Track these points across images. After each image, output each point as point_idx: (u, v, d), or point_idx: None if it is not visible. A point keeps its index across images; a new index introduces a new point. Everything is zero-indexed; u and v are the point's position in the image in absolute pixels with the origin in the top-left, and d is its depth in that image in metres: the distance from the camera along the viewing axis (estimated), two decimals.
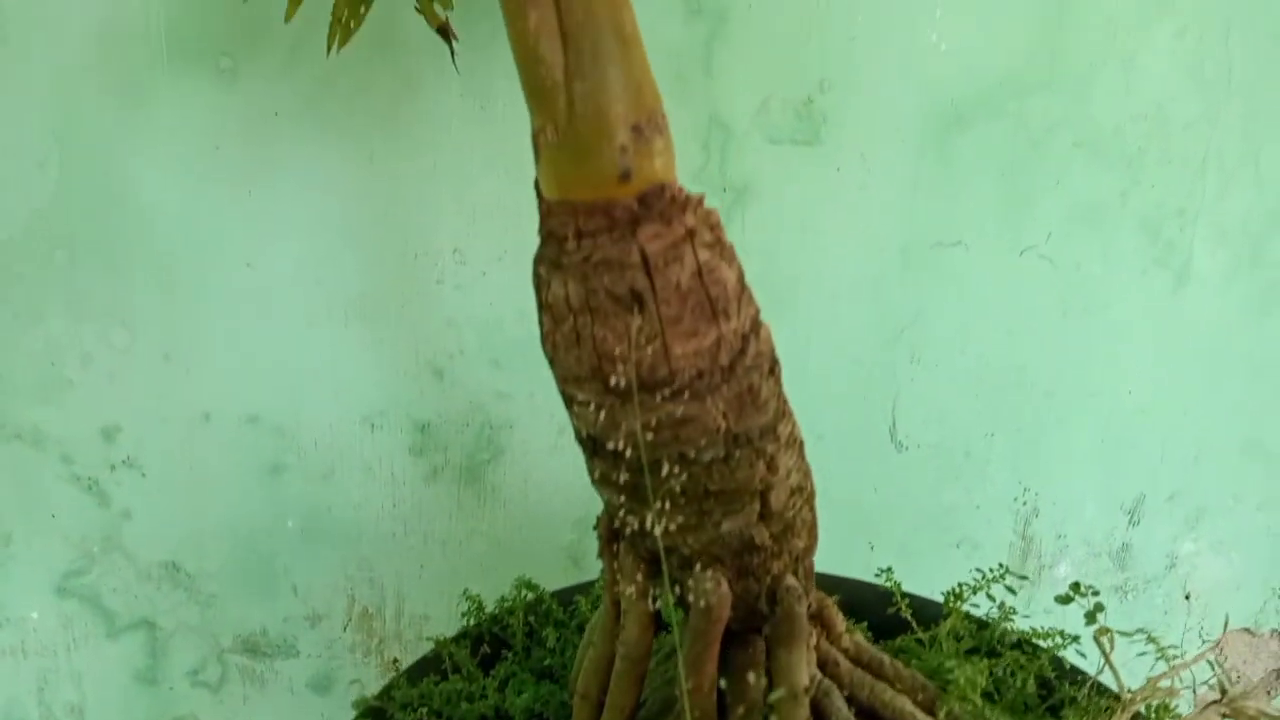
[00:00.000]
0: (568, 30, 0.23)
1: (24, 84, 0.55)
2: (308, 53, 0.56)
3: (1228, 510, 0.81)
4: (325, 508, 0.65)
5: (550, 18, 0.23)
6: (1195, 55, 0.68)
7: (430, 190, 0.61)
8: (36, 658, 0.66)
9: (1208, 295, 0.74)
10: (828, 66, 0.63)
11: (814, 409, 0.70)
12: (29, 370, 0.60)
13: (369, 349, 0.63)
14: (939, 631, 0.39)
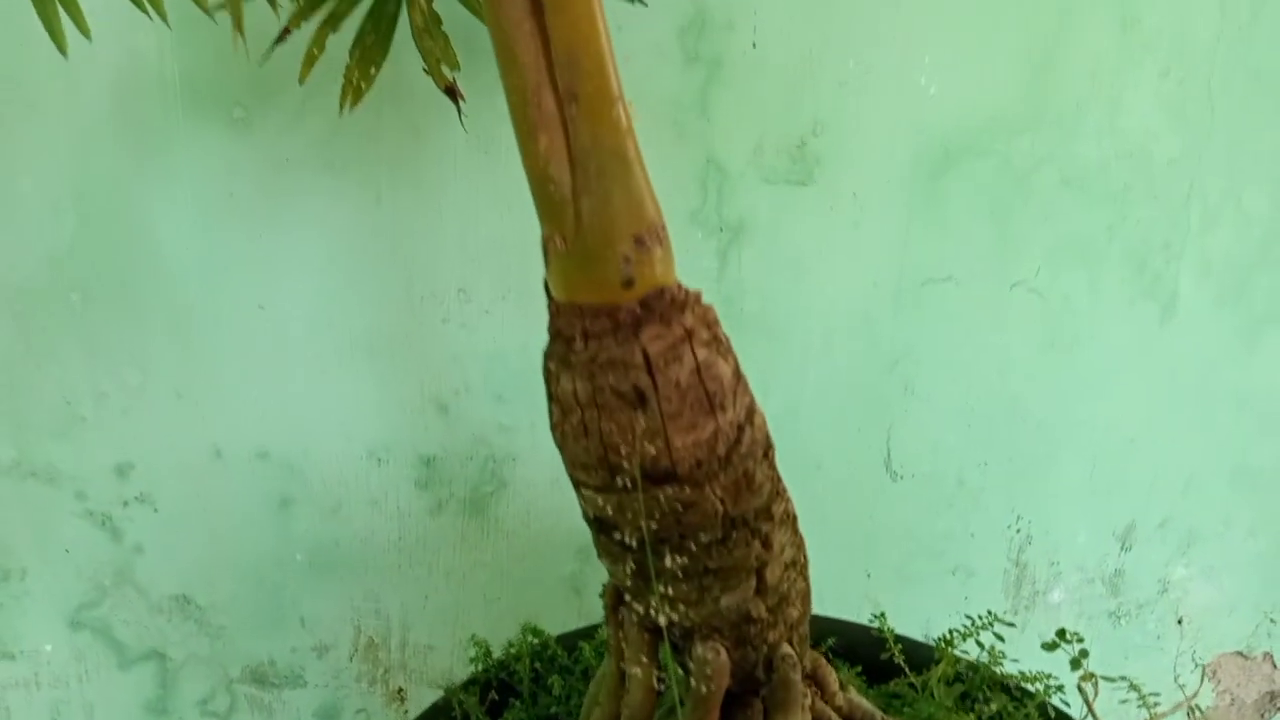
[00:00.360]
0: (575, 153, 0.25)
1: (42, 133, 0.57)
2: (318, 103, 0.58)
3: (1218, 536, 0.82)
4: (333, 541, 0.67)
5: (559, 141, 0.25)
6: (1178, 95, 0.70)
7: (436, 232, 0.62)
8: (50, 689, 0.67)
9: (1195, 327, 0.76)
10: (820, 110, 0.65)
11: (811, 440, 0.72)
12: (44, 409, 0.61)
13: (376, 386, 0.64)
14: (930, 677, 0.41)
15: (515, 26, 0.25)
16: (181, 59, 0.56)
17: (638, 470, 0.26)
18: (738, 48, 0.63)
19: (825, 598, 0.69)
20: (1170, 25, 0.69)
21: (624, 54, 0.58)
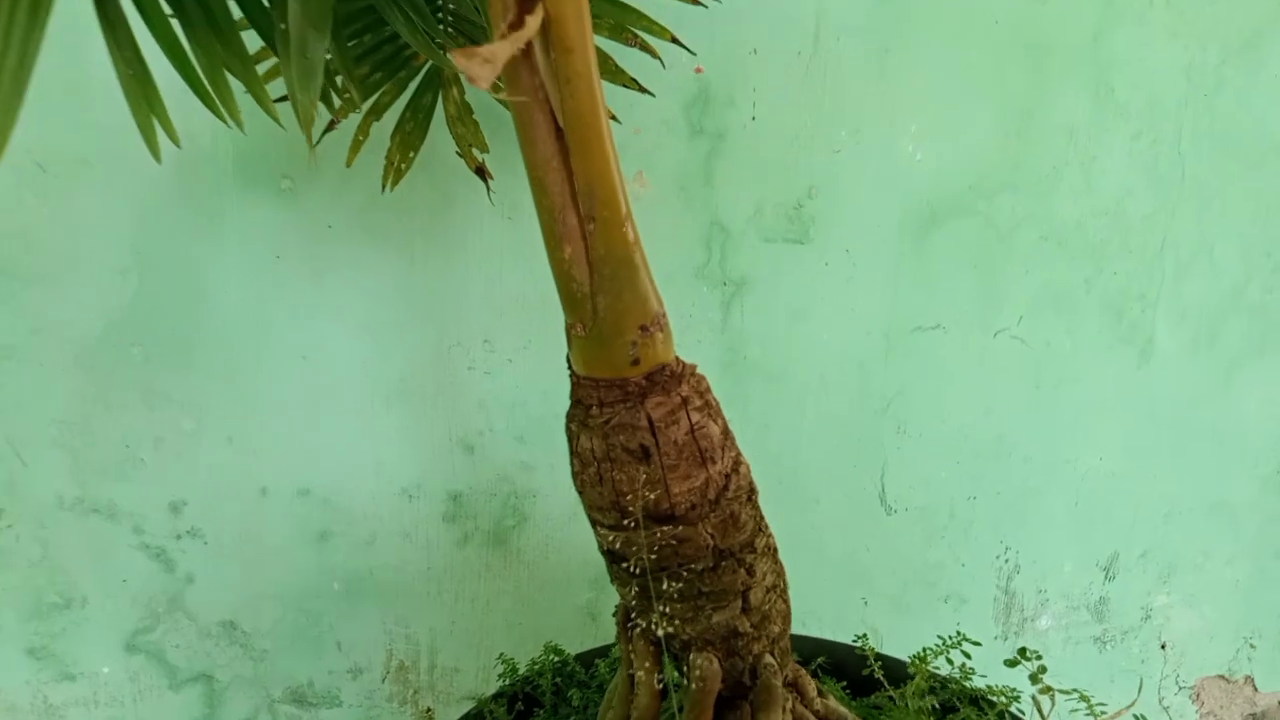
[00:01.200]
0: (593, 260, 0.30)
1: (108, 203, 0.63)
2: (358, 172, 0.64)
3: (1197, 566, 0.87)
4: (367, 571, 0.72)
5: (580, 250, 0.30)
6: (1150, 156, 0.76)
7: (463, 289, 0.68)
8: (106, 708, 0.73)
9: (1171, 370, 0.81)
10: (815, 176, 0.70)
11: (809, 476, 0.77)
12: (106, 452, 0.67)
13: (408, 428, 0.70)
14: (906, 690, 0.46)
15: (545, 163, 0.31)
16: (234, 138, 0.63)
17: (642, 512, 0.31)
18: (738, 121, 0.69)
19: (824, 623, 0.74)
20: (1140, 93, 0.74)
21: (636, 128, 0.65)
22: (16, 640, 0.70)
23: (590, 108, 0.29)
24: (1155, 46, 0.74)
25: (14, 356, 0.65)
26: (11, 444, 0.66)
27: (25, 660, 0.71)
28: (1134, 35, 0.73)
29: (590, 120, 0.29)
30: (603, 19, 0.50)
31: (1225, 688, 0.92)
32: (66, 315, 0.65)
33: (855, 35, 0.68)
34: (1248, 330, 0.81)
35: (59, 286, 0.64)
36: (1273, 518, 0.87)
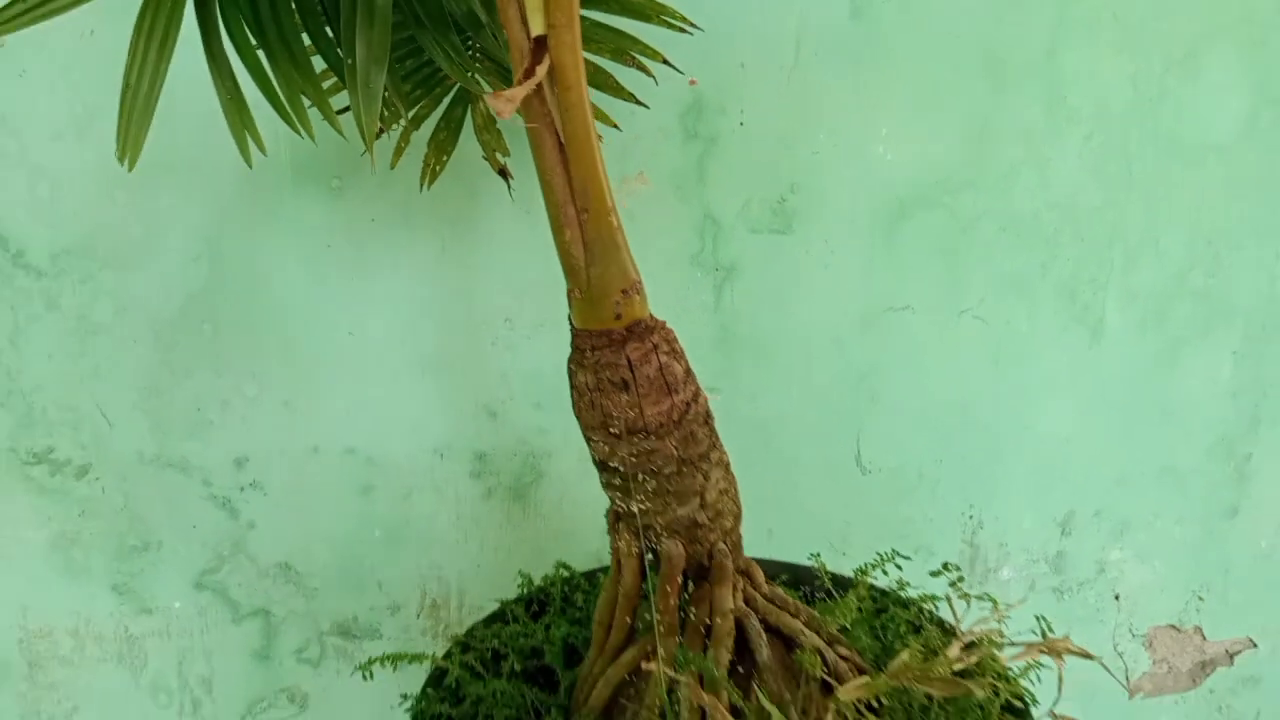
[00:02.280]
0: (586, 241, 0.40)
1: (184, 200, 0.74)
2: (398, 174, 0.73)
3: (1148, 525, 0.96)
4: (404, 520, 0.83)
5: (577, 233, 0.40)
6: (1100, 156, 0.85)
7: (487, 273, 0.78)
8: (178, 639, 0.84)
9: (1120, 348, 0.90)
10: (797, 174, 0.80)
11: (793, 440, 0.87)
12: (180, 414, 0.78)
13: (439, 396, 0.80)
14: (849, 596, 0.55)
15: (551, 169, 0.41)
16: (292, 145, 0.73)
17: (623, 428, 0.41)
18: (728, 127, 0.78)
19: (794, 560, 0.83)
20: (1090, 100, 0.83)
21: (637, 134, 0.75)
22: (102, 579, 0.81)
23: (584, 130, 0.38)
24: (1103, 59, 0.83)
25: (102, 332, 0.76)
26: (99, 407, 0.77)
27: (110, 596, 0.82)
28: (1084, 49, 0.82)
29: (584, 138, 0.39)
30: (604, 44, 0.60)
31: (1176, 637, 1.01)
32: (148, 296, 0.76)
33: (831, 52, 0.78)
34: (1192, 312, 0.90)
35: (142, 272, 0.75)
36: (1218, 482, 0.96)
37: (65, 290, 0.74)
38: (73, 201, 0.73)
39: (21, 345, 0.75)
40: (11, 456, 0.77)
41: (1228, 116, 0.86)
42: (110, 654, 0.83)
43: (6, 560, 0.79)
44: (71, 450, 0.78)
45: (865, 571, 0.57)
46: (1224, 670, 1.03)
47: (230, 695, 0.85)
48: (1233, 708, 1.05)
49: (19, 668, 0.82)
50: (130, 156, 0.44)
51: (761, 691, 0.42)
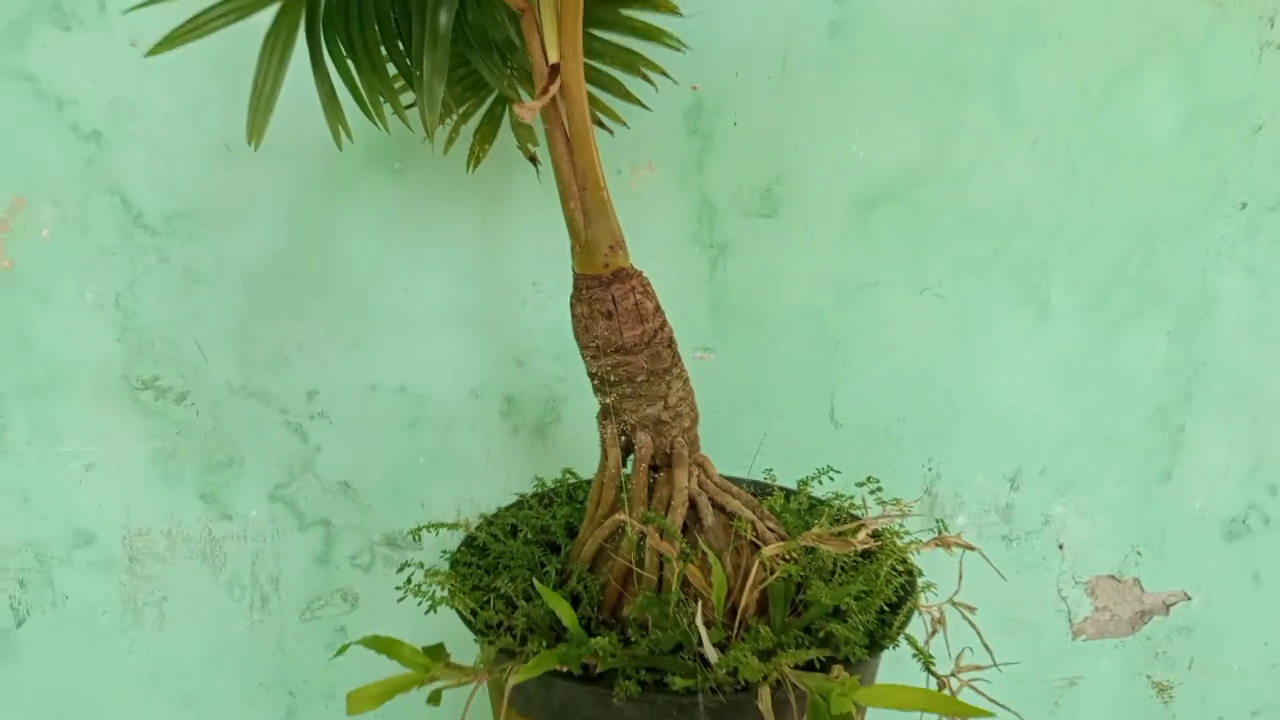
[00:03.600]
0: (585, 209, 0.55)
1: (272, 176, 0.90)
2: (449, 159, 0.89)
3: (1090, 485, 1.09)
4: (444, 451, 0.99)
5: (579, 203, 0.55)
6: (1047, 158, 0.98)
7: (519, 243, 0.94)
8: (253, 542, 1.00)
9: (1065, 326, 1.03)
10: (781, 167, 0.94)
11: (775, 398, 1.01)
12: (264, 352, 0.94)
13: (476, 346, 0.96)
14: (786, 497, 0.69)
15: (560, 157, 0.56)
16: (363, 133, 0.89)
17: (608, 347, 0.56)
18: (724, 125, 0.93)
19: None
20: (1039, 109, 0.97)
21: (647, 130, 0.91)
22: (193, 489, 0.98)
23: (584, 128, 0.53)
24: (1051, 73, 0.96)
25: (203, 282, 0.92)
26: (198, 344, 0.94)
27: (198, 503, 0.98)
28: (1033, 65, 0.95)
29: (584, 135, 0.54)
30: (616, 59, 0.75)
31: (1116, 586, 1.14)
32: (240, 253, 0.92)
33: (813, 64, 0.92)
34: (1129, 297, 1.03)
35: (236, 233, 0.91)
36: (1154, 449, 1.09)
37: (174, 247, 0.91)
38: (183, 174, 0.90)
39: (138, 291, 0.92)
40: (124, 382, 0.94)
41: (1162, 126, 0.99)
42: (196, 553, 1.00)
43: (115, 469, 0.96)
44: (173, 379, 0.94)
45: (806, 483, 0.72)
46: (1160, 619, 1.16)
47: (293, 593, 1.02)
48: (1168, 654, 1.18)
49: (121, 561, 0.99)
50: (256, 139, 0.60)
51: (704, 543, 0.57)
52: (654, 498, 0.59)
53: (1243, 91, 1.00)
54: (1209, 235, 1.03)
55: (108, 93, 0.87)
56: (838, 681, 0.48)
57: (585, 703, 0.52)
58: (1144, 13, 0.96)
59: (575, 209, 0.56)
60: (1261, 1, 0.99)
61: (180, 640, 1.01)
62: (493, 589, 0.59)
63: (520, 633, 0.55)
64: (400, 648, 0.52)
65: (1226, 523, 1.14)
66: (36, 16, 0.85)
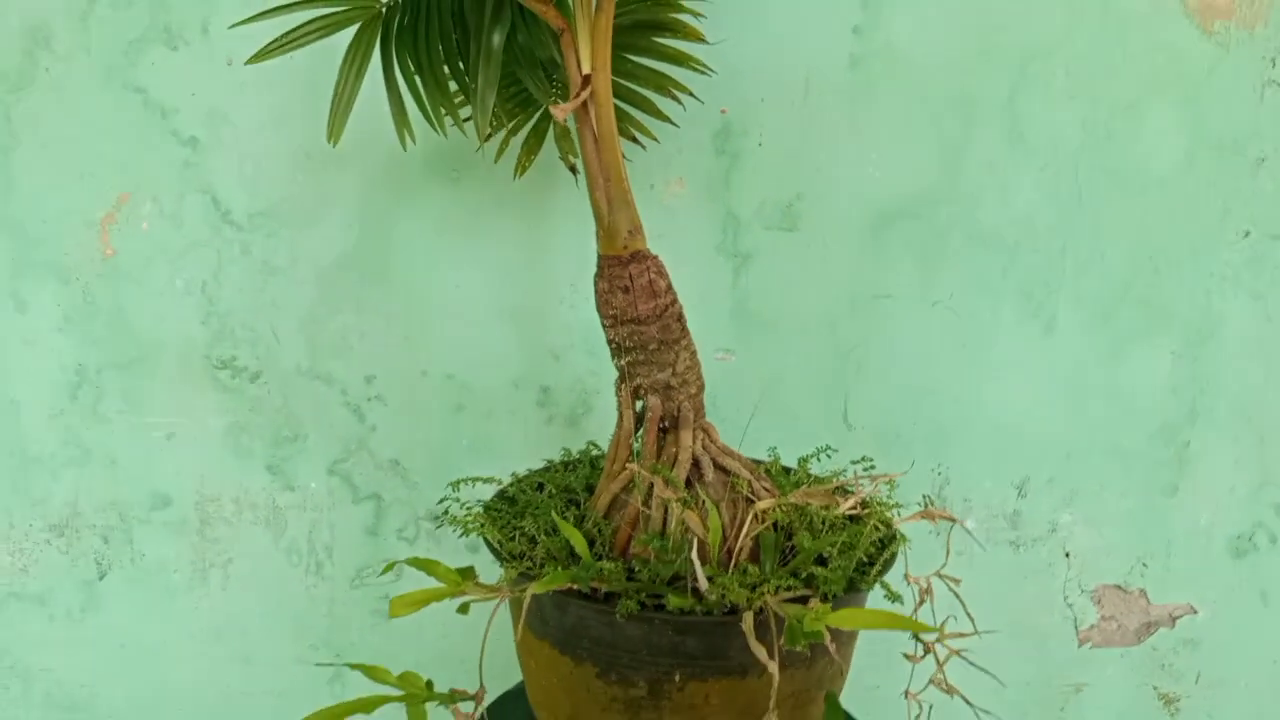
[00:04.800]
0: (609, 198, 0.64)
1: (344, 180, 1.01)
2: (499, 168, 0.99)
3: (1095, 495, 1.14)
4: (485, 435, 1.08)
5: (604, 194, 0.64)
6: (1053, 185, 1.05)
7: (559, 247, 1.04)
8: (311, 512, 1.10)
9: (1071, 343, 1.09)
10: (802, 185, 1.03)
11: (793, 399, 1.09)
12: (330, 338, 1.05)
13: (518, 339, 1.06)
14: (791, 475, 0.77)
15: (590, 154, 0.66)
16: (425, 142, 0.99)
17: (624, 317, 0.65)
18: (750, 146, 1.02)
19: None
20: (1045, 139, 1.04)
21: (680, 148, 1.00)
22: (261, 460, 1.08)
23: (610, 128, 0.63)
24: (1058, 106, 1.04)
25: (279, 274, 1.03)
26: (272, 330, 1.05)
27: (265, 474, 1.09)
28: (1041, 97, 1.03)
29: (609, 134, 0.63)
30: (648, 80, 0.84)
31: (1122, 596, 1.18)
32: (312, 250, 1.03)
33: (833, 91, 1.01)
34: (1134, 317, 1.09)
35: (309, 231, 1.02)
36: (1159, 463, 1.14)
37: (256, 242, 1.02)
38: (267, 177, 1.01)
39: (221, 280, 1.03)
40: (205, 362, 1.05)
41: (1166, 157, 1.06)
42: (260, 519, 1.10)
43: (193, 440, 1.07)
44: (249, 360, 1.05)
45: (806, 460, 0.80)
46: (1166, 631, 1.20)
47: (345, 561, 1.11)
48: (1174, 666, 1.22)
49: (193, 524, 1.10)
50: (335, 139, 0.70)
51: (704, 494, 0.65)
52: (662, 455, 0.67)
53: (1246, 126, 1.07)
54: (1213, 261, 1.09)
55: (206, 104, 0.99)
56: (812, 609, 0.55)
57: (593, 622, 0.60)
58: (1149, 51, 1.04)
59: (600, 198, 0.65)
60: (1264, 43, 1.06)
61: (241, 601, 1.11)
62: (518, 528, 0.67)
63: (539, 560, 0.64)
64: (437, 566, 0.60)
65: (1233, 539, 1.18)
66: (150, 38, 0.97)
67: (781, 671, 0.56)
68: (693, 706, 0.60)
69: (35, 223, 1.01)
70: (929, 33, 1.01)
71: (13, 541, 1.08)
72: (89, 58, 0.98)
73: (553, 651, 0.63)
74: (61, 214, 1.01)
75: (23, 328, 1.03)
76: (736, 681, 0.60)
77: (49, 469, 1.07)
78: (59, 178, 1.00)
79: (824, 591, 0.61)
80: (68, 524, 1.08)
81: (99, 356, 1.04)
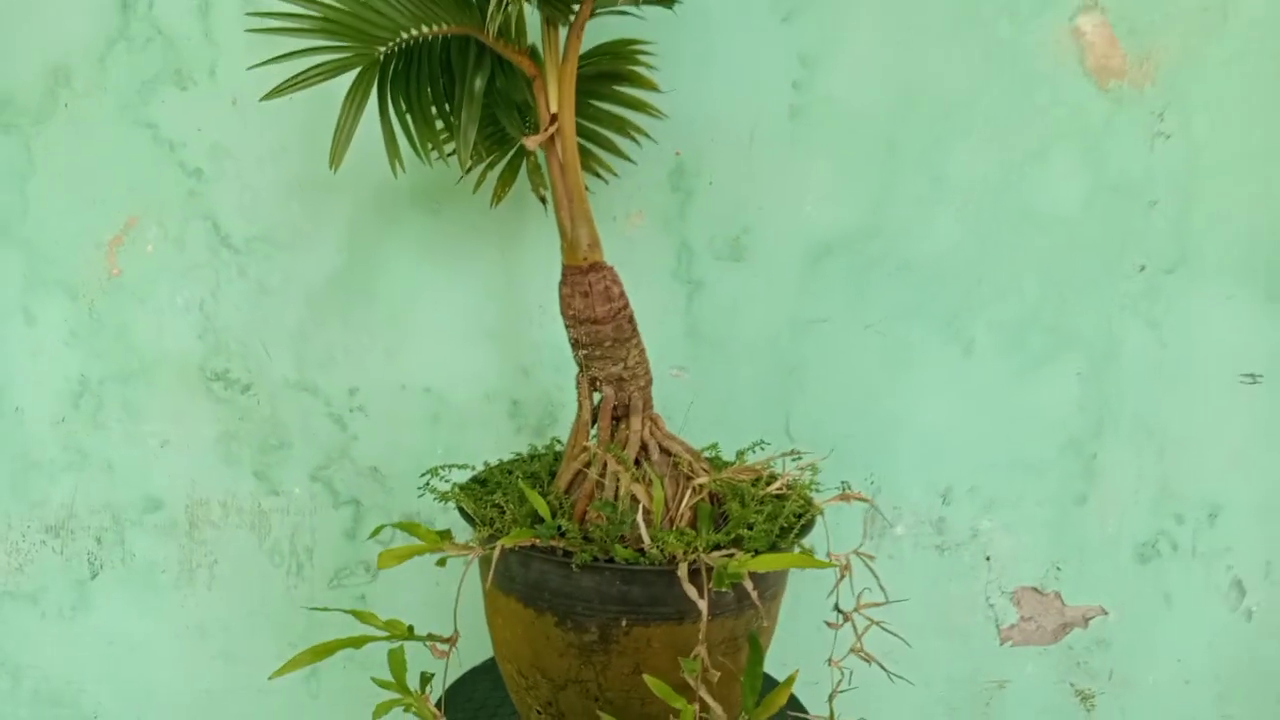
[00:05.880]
0: (572, 216, 0.75)
1: (335, 209, 1.12)
2: (477, 198, 1.10)
3: (1012, 504, 1.26)
4: (459, 443, 1.18)
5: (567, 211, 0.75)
6: (972, 221, 1.18)
7: (528, 272, 1.15)
8: (295, 515, 1.19)
9: (987, 364, 1.22)
10: (748, 220, 1.15)
11: (739, 414, 1.20)
12: (316, 352, 1.15)
13: (491, 356, 1.16)
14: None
15: (556, 178, 0.77)
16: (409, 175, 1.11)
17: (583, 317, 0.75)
18: (702, 185, 1.14)
19: None
20: (965, 179, 1.17)
21: (639, 185, 1.13)
22: (248, 466, 1.17)
23: (573, 158, 0.74)
24: (975, 151, 1.17)
25: (272, 293, 1.14)
26: (263, 345, 1.15)
27: (252, 479, 1.18)
28: (961, 143, 1.17)
29: (573, 162, 0.75)
30: (609, 123, 0.97)
31: (1039, 598, 1.29)
32: (303, 272, 1.13)
33: (775, 138, 1.14)
34: (1043, 341, 1.22)
35: (302, 254, 1.13)
36: (1070, 475, 1.26)
37: (252, 264, 1.13)
38: (264, 205, 1.12)
39: (219, 298, 1.13)
40: (200, 374, 1.15)
41: (1070, 198, 1.19)
42: (245, 522, 1.18)
43: (186, 447, 1.16)
44: (240, 373, 1.15)
45: (743, 453, 0.91)
46: (1080, 631, 1.31)
47: (324, 562, 1.20)
48: (1089, 665, 1.32)
49: (183, 526, 1.18)
50: (335, 165, 0.81)
51: (651, 470, 0.75)
52: (615, 438, 0.78)
53: (1139, 172, 1.21)
54: (1113, 291, 1.22)
55: (210, 139, 1.10)
56: (736, 557, 0.66)
57: (553, 576, 0.70)
58: (1053, 105, 1.18)
59: (565, 216, 0.76)
60: (1153, 100, 1.20)
61: (225, 599, 1.19)
62: (489, 500, 0.77)
63: (506, 526, 0.74)
64: (419, 528, 0.70)
65: (1139, 545, 1.30)
66: (162, 79, 1.08)
67: (712, 619, 0.67)
68: (637, 649, 0.70)
69: (48, 243, 1.11)
70: (860, 87, 1.15)
71: (10, 541, 1.16)
72: (105, 95, 1.09)
73: (517, 605, 0.72)
74: (73, 236, 1.11)
75: (31, 340, 1.12)
76: (674, 626, 0.70)
77: (48, 473, 1.15)
78: (72, 203, 1.10)
79: (750, 549, 0.71)
80: (63, 525, 1.16)
81: (101, 368, 1.13)
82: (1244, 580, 1.32)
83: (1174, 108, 1.19)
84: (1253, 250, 1.23)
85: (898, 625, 0.87)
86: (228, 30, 1.08)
